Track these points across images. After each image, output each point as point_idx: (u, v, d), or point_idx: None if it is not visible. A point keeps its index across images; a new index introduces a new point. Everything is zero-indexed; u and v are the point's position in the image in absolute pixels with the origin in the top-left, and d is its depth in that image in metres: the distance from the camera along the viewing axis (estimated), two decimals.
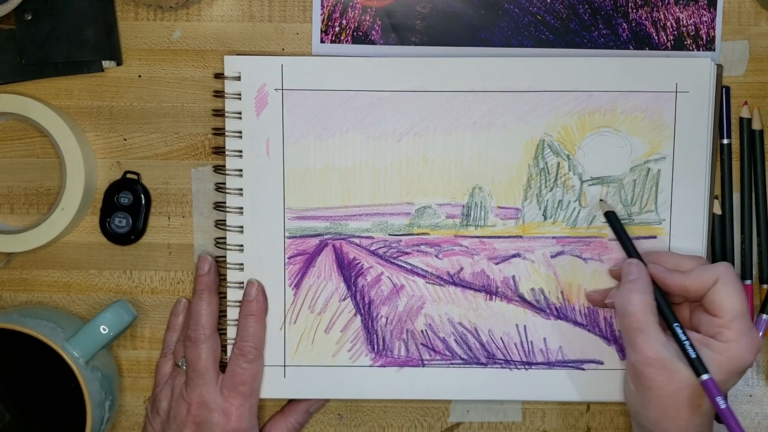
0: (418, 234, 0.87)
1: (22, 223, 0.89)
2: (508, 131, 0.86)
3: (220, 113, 0.86)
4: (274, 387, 0.87)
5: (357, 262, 0.87)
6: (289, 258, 0.87)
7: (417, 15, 0.87)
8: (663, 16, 0.87)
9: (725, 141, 0.88)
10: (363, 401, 0.91)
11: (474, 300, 0.87)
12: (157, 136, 0.88)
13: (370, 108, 0.86)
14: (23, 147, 0.89)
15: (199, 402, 0.84)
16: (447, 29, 0.87)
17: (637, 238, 0.86)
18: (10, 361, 0.90)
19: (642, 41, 0.87)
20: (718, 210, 0.88)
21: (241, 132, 0.86)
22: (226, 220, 0.87)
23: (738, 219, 0.88)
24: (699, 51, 0.87)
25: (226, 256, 0.87)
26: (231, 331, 0.87)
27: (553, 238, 0.87)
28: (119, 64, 0.88)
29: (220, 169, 0.87)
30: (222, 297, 0.87)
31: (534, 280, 0.87)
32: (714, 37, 0.87)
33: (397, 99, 0.86)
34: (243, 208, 0.86)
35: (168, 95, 0.88)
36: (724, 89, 0.87)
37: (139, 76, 0.88)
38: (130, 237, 0.89)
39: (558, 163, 0.86)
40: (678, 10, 0.87)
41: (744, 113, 0.87)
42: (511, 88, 0.86)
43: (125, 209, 0.88)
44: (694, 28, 0.87)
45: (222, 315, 0.87)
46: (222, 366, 0.86)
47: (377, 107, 0.86)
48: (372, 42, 0.87)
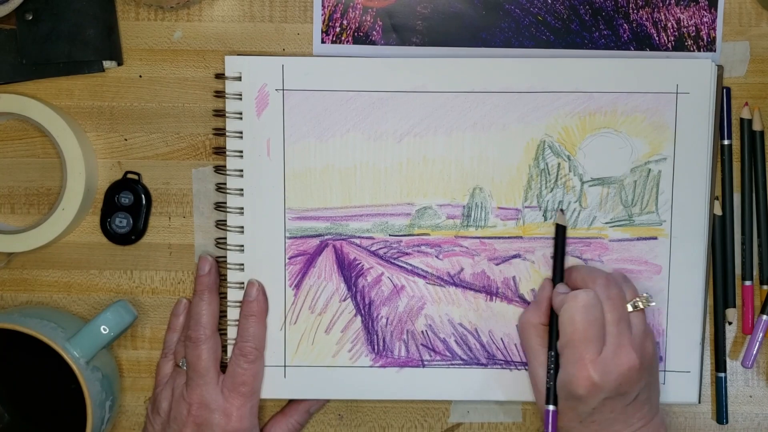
0: (418, 234, 0.87)
1: (22, 223, 0.89)
2: (508, 132, 0.86)
3: (220, 113, 0.86)
4: (274, 387, 0.87)
5: (357, 262, 0.87)
6: (290, 258, 0.87)
7: (418, 15, 0.87)
8: (664, 17, 0.87)
9: (726, 142, 0.88)
10: (363, 401, 0.91)
11: (474, 301, 0.87)
12: (158, 136, 0.88)
13: (370, 108, 0.86)
14: (24, 147, 0.89)
15: (200, 402, 0.84)
16: (448, 30, 0.87)
17: (638, 239, 0.86)
18: (10, 361, 0.89)
19: (643, 42, 0.87)
20: (718, 211, 0.88)
21: (242, 132, 0.86)
22: (226, 220, 0.87)
23: (738, 220, 0.88)
24: (700, 52, 0.87)
25: (226, 256, 0.87)
26: (231, 332, 0.87)
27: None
28: (120, 64, 0.88)
29: (220, 170, 0.87)
30: (222, 297, 0.87)
31: (534, 280, 0.87)
32: (715, 38, 0.87)
33: (398, 99, 0.86)
34: (243, 208, 0.86)
35: (169, 95, 0.88)
36: (724, 90, 0.87)
37: (140, 76, 0.88)
38: (130, 237, 0.89)
39: (558, 164, 0.86)
40: (679, 11, 0.87)
41: (745, 114, 0.87)
42: (512, 88, 0.86)
43: (126, 209, 0.88)
44: (694, 29, 0.87)
45: (222, 315, 0.87)
46: (222, 366, 0.86)
47: (378, 108, 0.86)
48: (373, 42, 0.87)
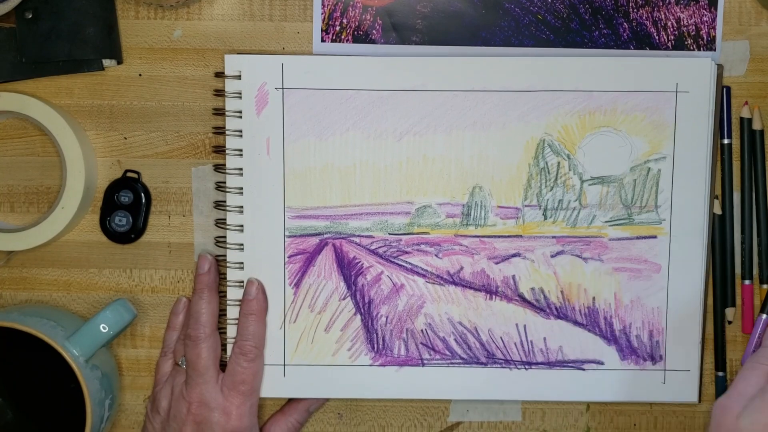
0: (418, 233, 0.87)
1: (22, 222, 0.89)
2: (508, 131, 0.86)
3: (220, 112, 0.86)
4: (273, 386, 0.87)
5: (357, 261, 0.87)
6: (289, 257, 0.87)
7: (417, 14, 0.87)
8: (664, 15, 0.87)
9: (726, 141, 0.87)
10: (363, 400, 0.91)
11: (474, 299, 0.87)
12: (158, 134, 0.88)
13: (370, 107, 0.86)
14: (24, 146, 0.89)
15: (199, 401, 0.84)
16: (447, 28, 0.87)
17: (638, 237, 0.86)
18: (10, 360, 0.89)
19: (642, 41, 0.87)
20: (718, 210, 0.88)
21: (242, 131, 0.86)
22: (226, 218, 0.87)
23: (738, 219, 0.88)
24: (700, 51, 0.87)
25: (226, 254, 0.87)
26: (231, 330, 0.87)
27: (553, 237, 0.87)
28: (120, 62, 0.88)
29: (220, 168, 0.87)
30: (222, 296, 0.87)
31: (534, 279, 0.87)
32: (715, 37, 0.87)
33: (398, 98, 0.86)
34: (243, 206, 0.86)
35: (168, 94, 0.88)
36: (724, 89, 0.87)
37: (140, 74, 0.88)
38: (130, 236, 0.89)
39: (558, 163, 0.86)
40: (679, 9, 0.87)
41: (744, 113, 0.87)
42: (512, 87, 0.86)
43: (125, 208, 0.88)
44: (694, 27, 0.87)
45: (222, 314, 0.87)
46: (222, 365, 0.86)
47: (377, 106, 0.86)
48: (372, 41, 0.87)
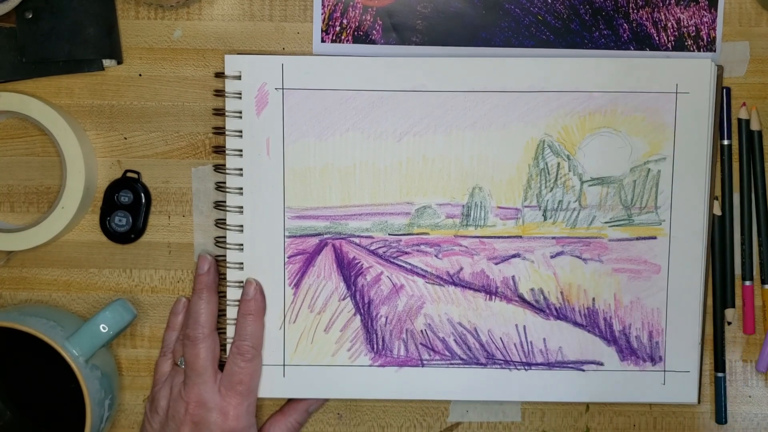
0: (417, 234, 0.87)
1: (22, 222, 0.89)
2: (508, 131, 0.86)
3: (220, 112, 0.86)
4: (273, 386, 0.87)
5: (357, 261, 0.87)
6: (289, 257, 0.87)
7: (418, 15, 0.87)
8: (664, 16, 0.87)
9: (725, 142, 0.87)
10: (362, 401, 0.91)
11: (474, 300, 0.87)
12: (158, 135, 0.88)
13: (370, 107, 0.86)
14: (24, 145, 0.89)
15: (197, 401, 0.84)
16: (448, 29, 0.87)
17: (638, 238, 0.86)
18: (9, 360, 0.90)
19: (643, 42, 0.87)
20: (718, 211, 0.88)
21: (242, 131, 0.86)
22: (226, 219, 0.87)
23: (738, 220, 0.88)
24: (700, 52, 0.87)
25: (225, 255, 0.87)
26: (230, 330, 0.87)
27: (553, 238, 0.87)
28: (120, 62, 0.88)
29: (220, 168, 0.87)
30: (221, 296, 0.87)
31: (534, 280, 0.87)
32: (715, 38, 0.87)
33: (398, 99, 0.86)
34: (243, 207, 0.86)
35: (168, 94, 0.88)
36: (724, 90, 0.87)
37: (140, 74, 0.88)
38: (130, 236, 0.89)
39: (558, 164, 0.86)
40: (679, 10, 0.87)
41: (742, 114, 0.87)
42: (512, 88, 0.86)
43: (125, 208, 0.88)
44: (694, 28, 0.87)
45: (221, 314, 0.87)
46: (221, 365, 0.86)
47: (377, 107, 0.86)
48: (373, 42, 0.87)
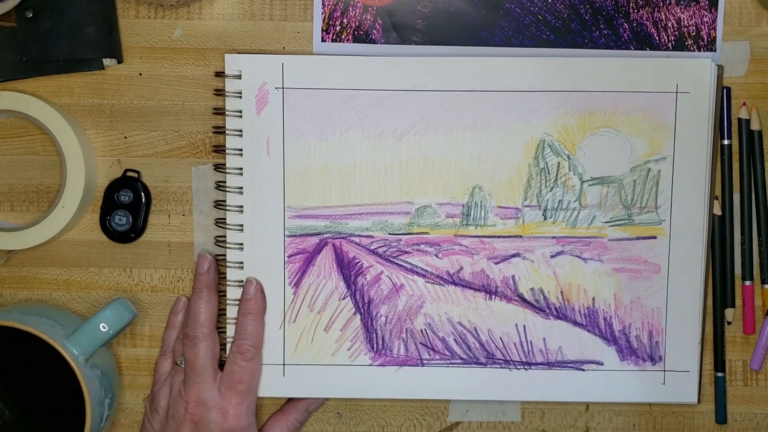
0: (417, 233, 0.87)
1: (22, 221, 0.89)
2: (508, 131, 0.86)
3: (220, 111, 0.86)
4: (273, 386, 0.87)
5: (357, 261, 0.87)
6: (289, 256, 0.87)
7: (418, 14, 0.87)
8: (664, 16, 0.87)
9: (726, 142, 0.87)
10: (362, 400, 0.91)
11: (473, 299, 0.87)
12: (158, 134, 0.88)
13: (370, 107, 0.86)
14: (24, 144, 0.89)
15: (197, 400, 0.84)
16: (448, 29, 0.87)
17: (638, 238, 0.86)
18: (9, 359, 0.90)
19: (643, 41, 0.87)
20: (718, 211, 0.88)
21: (242, 130, 0.86)
22: (226, 218, 0.87)
23: (738, 219, 0.88)
24: (700, 51, 0.87)
25: (225, 254, 0.87)
26: (230, 330, 0.87)
27: (553, 238, 0.87)
28: (120, 62, 0.88)
29: (220, 168, 0.87)
30: (221, 295, 0.87)
31: (534, 280, 0.87)
32: (715, 38, 0.87)
33: (398, 98, 0.86)
34: (243, 206, 0.86)
35: (168, 93, 0.88)
36: (724, 90, 0.87)
37: (140, 74, 0.88)
38: (130, 235, 0.89)
39: (558, 163, 0.86)
40: (679, 10, 0.87)
41: (742, 114, 0.87)
42: (512, 87, 0.86)
43: (125, 207, 0.88)
44: (695, 28, 0.87)
45: (221, 313, 0.87)
46: (221, 364, 0.86)
47: (378, 106, 0.86)
48: (373, 41, 0.87)
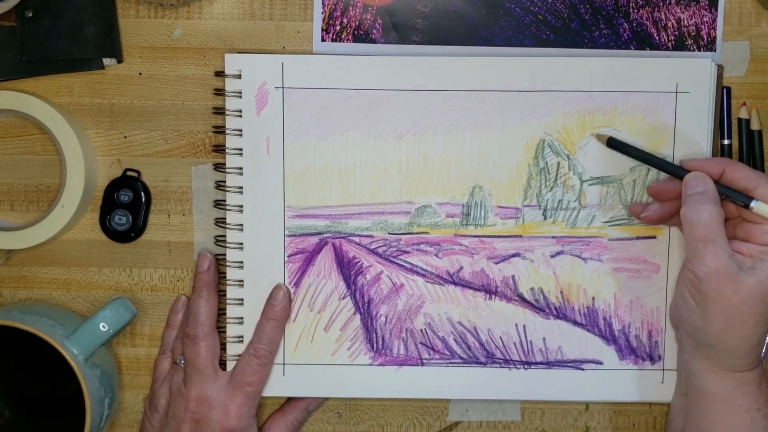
0: (417, 233, 0.87)
1: (22, 220, 0.89)
2: (508, 131, 0.86)
3: (220, 111, 0.86)
4: (273, 385, 0.87)
5: (357, 260, 0.87)
6: (289, 256, 0.87)
7: (418, 14, 0.87)
8: (664, 16, 0.87)
9: (726, 141, 0.87)
10: (362, 400, 0.91)
11: (473, 299, 0.87)
12: (158, 133, 0.88)
13: (370, 107, 0.86)
14: (24, 144, 0.89)
15: (198, 399, 0.84)
16: (448, 28, 0.87)
17: (637, 238, 0.86)
18: (9, 358, 0.90)
19: (643, 41, 0.87)
20: None
21: (242, 130, 0.86)
22: (226, 217, 0.87)
23: None
24: (700, 51, 0.87)
25: (225, 253, 0.87)
26: (230, 329, 0.87)
27: (553, 237, 0.87)
28: (120, 61, 0.88)
29: (220, 167, 0.87)
30: (221, 295, 0.87)
31: (533, 279, 0.87)
32: (715, 38, 0.87)
33: (398, 98, 0.86)
34: (243, 206, 0.86)
35: (168, 93, 0.88)
36: (724, 90, 0.87)
37: (140, 73, 0.88)
38: (130, 234, 0.89)
39: (558, 163, 0.86)
40: (679, 10, 0.87)
41: (742, 114, 0.87)
42: (512, 87, 0.86)
43: (125, 207, 0.88)
44: (695, 28, 0.87)
45: (221, 313, 0.87)
46: (221, 364, 0.86)
47: (378, 106, 0.86)
48: (373, 41, 0.87)
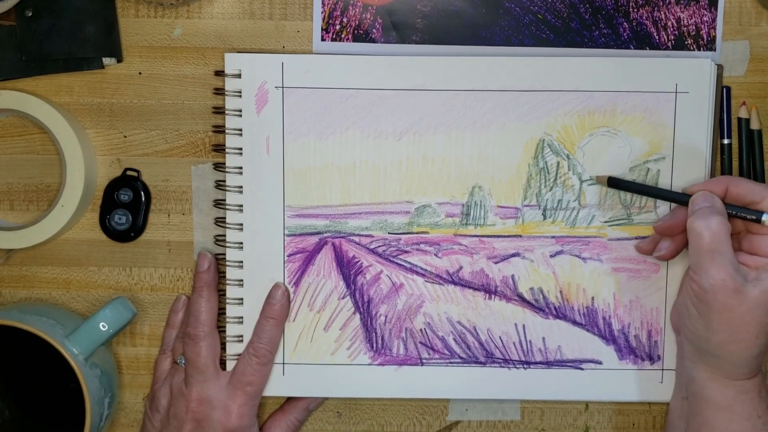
0: (417, 233, 0.87)
1: (21, 220, 0.89)
2: (508, 130, 0.86)
3: (220, 111, 0.86)
4: (273, 385, 0.87)
5: (356, 260, 0.87)
6: (289, 256, 0.87)
7: (418, 13, 0.87)
8: (664, 15, 0.87)
9: (725, 141, 0.87)
10: (362, 399, 0.91)
11: (473, 299, 0.87)
12: (158, 133, 0.88)
13: (370, 106, 0.86)
14: (23, 144, 0.89)
15: (199, 399, 0.84)
16: (448, 28, 0.87)
17: (637, 238, 0.86)
18: (9, 358, 0.90)
19: (643, 41, 0.87)
20: None
21: (242, 129, 0.86)
22: (225, 217, 0.87)
23: None
24: (700, 51, 0.87)
25: (225, 253, 0.87)
26: (230, 329, 0.87)
27: (553, 237, 0.87)
28: (120, 61, 0.88)
29: (220, 167, 0.87)
30: (221, 294, 0.87)
31: (533, 279, 0.87)
32: (715, 37, 0.87)
33: (398, 97, 0.86)
34: (243, 205, 0.86)
35: (168, 92, 0.88)
36: (724, 89, 0.87)
37: (140, 73, 0.88)
38: (129, 234, 0.89)
39: (558, 163, 0.86)
40: (679, 9, 0.87)
41: (742, 113, 0.87)
42: (512, 87, 0.86)
43: (125, 206, 0.88)
44: (694, 27, 0.87)
45: (221, 312, 0.87)
46: (221, 363, 0.86)
47: (377, 106, 0.86)
48: (373, 40, 0.87)
